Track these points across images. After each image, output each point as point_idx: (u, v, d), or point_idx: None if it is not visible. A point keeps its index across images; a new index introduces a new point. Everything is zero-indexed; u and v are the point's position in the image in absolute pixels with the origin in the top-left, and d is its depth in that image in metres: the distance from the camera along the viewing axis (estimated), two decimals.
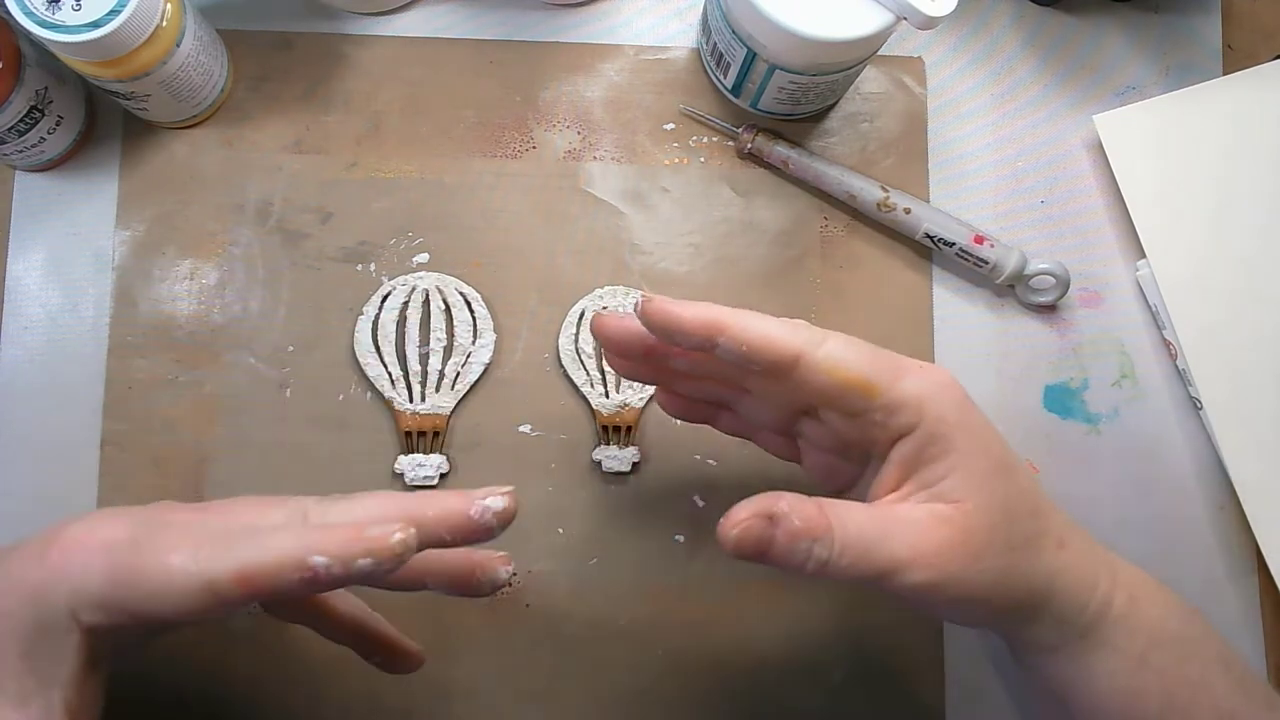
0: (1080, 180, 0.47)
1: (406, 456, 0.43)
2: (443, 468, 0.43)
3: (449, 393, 0.43)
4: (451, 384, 0.43)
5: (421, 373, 0.43)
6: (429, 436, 0.43)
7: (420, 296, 0.44)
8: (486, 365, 0.43)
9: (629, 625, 0.43)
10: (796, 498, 0.30)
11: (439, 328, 0.43)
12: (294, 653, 0.42)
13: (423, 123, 0.45)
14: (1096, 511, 0.45)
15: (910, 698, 0.44)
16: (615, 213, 0.45)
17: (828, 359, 0.31)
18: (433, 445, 0.43)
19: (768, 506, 0.29)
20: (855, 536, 0.29)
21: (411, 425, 0.43)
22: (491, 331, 0.44)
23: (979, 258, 0.44)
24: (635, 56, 0.46)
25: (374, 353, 0.43)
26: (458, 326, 0.43)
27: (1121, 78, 0.48)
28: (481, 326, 0.44)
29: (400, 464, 0.42)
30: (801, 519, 0.29)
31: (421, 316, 0.44)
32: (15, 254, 0.43)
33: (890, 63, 0.47)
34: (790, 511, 0.29)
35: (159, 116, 0.43)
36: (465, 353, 0.43)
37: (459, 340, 0.43)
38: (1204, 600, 0.44)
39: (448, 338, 0.43)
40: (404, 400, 0.43)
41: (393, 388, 0.43)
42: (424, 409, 0.43)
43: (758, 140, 0.45)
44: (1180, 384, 0.46)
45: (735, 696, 0.43)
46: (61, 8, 0.35)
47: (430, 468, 0.42)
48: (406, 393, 0.43)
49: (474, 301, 0.44)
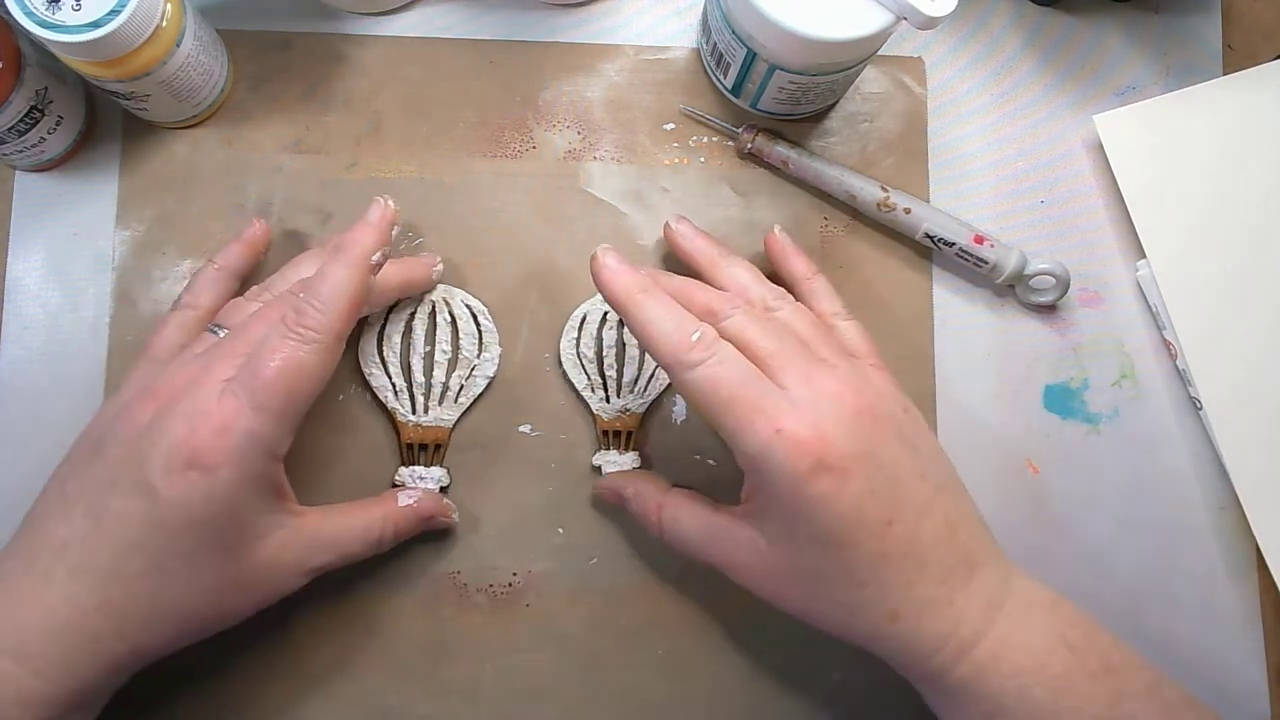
0: (1080, 180, 0.47)
1: (407, 468, 0.42)
2: (443, 480, 0.42)
3: (452, 405, 0.43)
4: (455, 397, 0.43)
5: (425, 385, 0.43)
6: (430, 449, 0.43)
7: (427, 308, 0.43)
8: (491, 379, 0.43)
9: (629, 625, 0.43)
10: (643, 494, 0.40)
11: (444, 340, 0.43)
12: (294, 653, 0.42)
13: (423, 123, 0.45)
14: (1096, 511, 0.45)
15: (910, 698, 0.44)
16: (615, 213, 0.45)
17: (688, 385, 0.34)
18: (433, 458, 0.43)
19: (620, 490, 0.41)
20: (683, 537, 0.38)
21: (413, 437, 0.43)
22: (497, 345, 0.43)
23: (979, 258, 0.44)
24: (635, 56, 0.46)
25: (379, 363, 0.43)
26: (463, 339, 0.43)
27: (1121, 78, 0.48)
28: (487, 340, 0.43)
29: (401, 475, 0.42)
30: (639, 511, 0.40)
31: (427, 328, 0.43)
32: (15, 254, 0.43)
33: (890, 63, 0.47)
34: (632, 499, 0.40)
35: (159, 116, 0.43)
36: (470, 365, 0.43)
37: (464, 353, 0.43)
38: (1204, 600, 0.45)
39: (453, 350, 0.43)
40: (407, 412, 0.43)
41: (396, 399, 0.43)
42: (426, 421, 0.43)
43: (758, 140, 0.45)
44: (1180, 384, 0.46)
45: (734, 696, 0.43)
46: (61, 8, 0.35)
47: (431, 480, 0.42)
48: (410, 404, 0.43)
49: (480, 314, 0.44)
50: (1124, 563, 0.45)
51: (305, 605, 0.42)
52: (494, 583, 0.43)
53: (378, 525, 0.39)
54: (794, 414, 0.32)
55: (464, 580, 0.43)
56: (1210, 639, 0.44)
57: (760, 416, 0.32)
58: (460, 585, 0.43)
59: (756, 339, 0.34)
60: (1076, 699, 0.33)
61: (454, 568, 0.43)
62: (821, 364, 0.35)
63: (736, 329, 0.35)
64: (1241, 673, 0.44)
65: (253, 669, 0.41)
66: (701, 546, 0.37)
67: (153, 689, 0.40)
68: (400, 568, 0.42)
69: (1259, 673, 0.45)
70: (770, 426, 0.32)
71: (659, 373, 0.44)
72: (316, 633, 0.42)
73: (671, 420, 0.44)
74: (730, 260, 0.41)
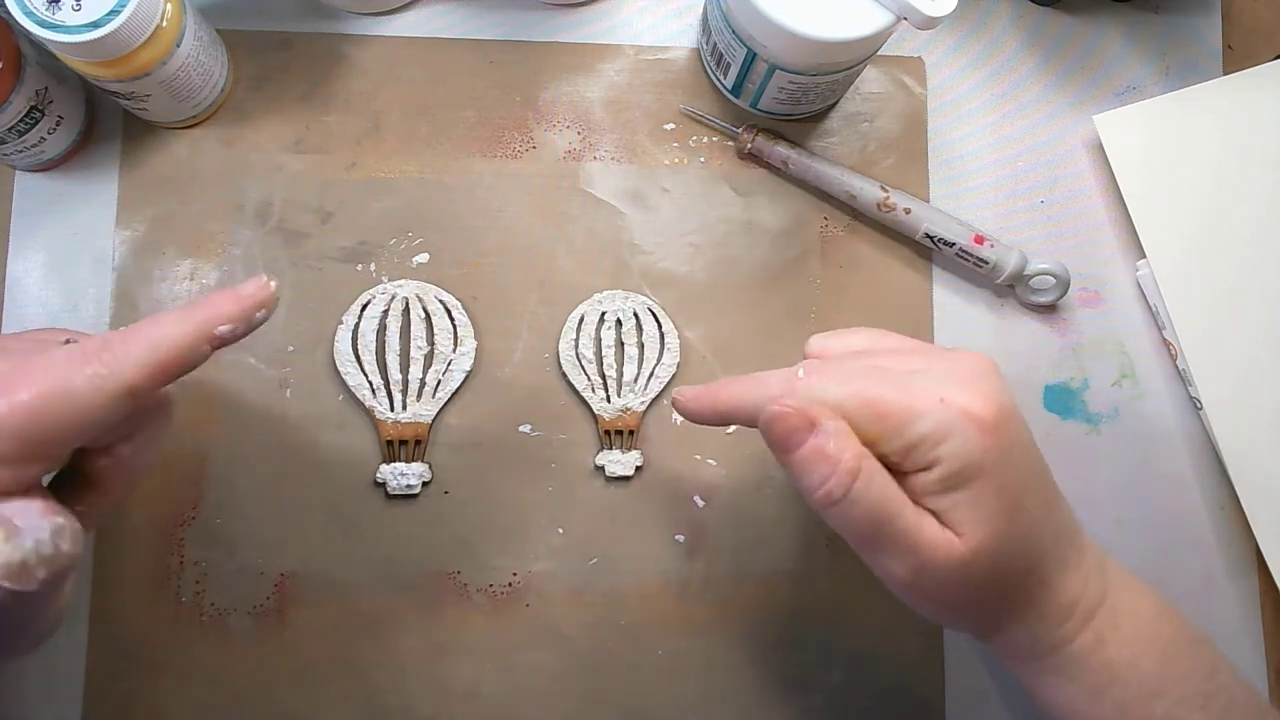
0: (1080, 180, 0.47)
1: (388, 465, 0.42)
2: (424, 476, 0.42)
3: (430, 400, 0.43)
4: (433, 392, 0.43)
5: (403, 381, 0.43)
6: (410, 445, 0.43)
7: (400, 305, 0.43)
8: (468, 373, 0.43)
9: (629, 625, 0.43)
10: (845, 429, 0.30)
11: (419, 336, 0.43)
12: (294, 653, 0.42)
13: (423, 123, 0.45)
14: (1096, 511, 0.45)
15: (910, 698, 0.44)
16: (615, 213, 0.45)
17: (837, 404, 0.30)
18: (414, 454, 0.43)
19: (815, 415, 0.30)
20: (876, 499, 0.30)
21: (393, 434, 0.43)
22: (473, 339, 0.43)
23: (979, 258, 0.44)
24: (635, 56, 0.46)
25: (354, 362, 0.43)
26: (438, 334, 0.43)
27: (1121, 78, 0.48)
28: (462, 334, 0.43)
29: (382, 472, 0.42)
30: (838, 448, 0.29)
31: (402, 325, 0.43)
32: (15, 254, 0.43)
33: (890, 63, 0.47)
34: (833, 434, 0.30)
35: (159, 116, 0.43)
36: (446, 360, 0.43)
37: (439, 348, 0.43)
38: (1204, 600, 0.45)
39: (428, 345, 0.43)
40: (385, 409, 0.43)
41: (373, 397, 0.43)
42: (405, 417, 0.43)
43: (758, 140, 0.45)
44: (1180, 384, 0.46)
45: (734, 696, 0.43)
46: (61, 8, 0.35)
47: (412, 476, 0.42)
48: (388, 402, 0.43)
49: (454, 309, 0.44)
50: (1124, 563, 0.45)
51: (305, 605, 0.42)
52: (494, 583, 0.43)
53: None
54: (949, 384, 0.31)
55: (464, 580, 0.43)
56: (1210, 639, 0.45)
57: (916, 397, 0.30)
58: (460, 585, 0.43)
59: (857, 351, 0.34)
60: (1180, 669, 0.33)
61: (454, 568, 0.43)
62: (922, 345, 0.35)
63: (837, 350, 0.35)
64: (1242, 673, 0.44)
65: (253, 669, 0.41)
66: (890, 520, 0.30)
67: (153, 689, 0.40)
68: (400, 568, 0.42)
69: (1259, 673, 0.45)
70: (933, 399, 0.30)
71: (658, 371, 0.44)
72: (316, 633, 0.42)
73: (671, 420, 0.44)
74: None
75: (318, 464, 0.43)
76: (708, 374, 0.44)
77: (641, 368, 0.44)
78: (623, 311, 0.44)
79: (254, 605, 0.42)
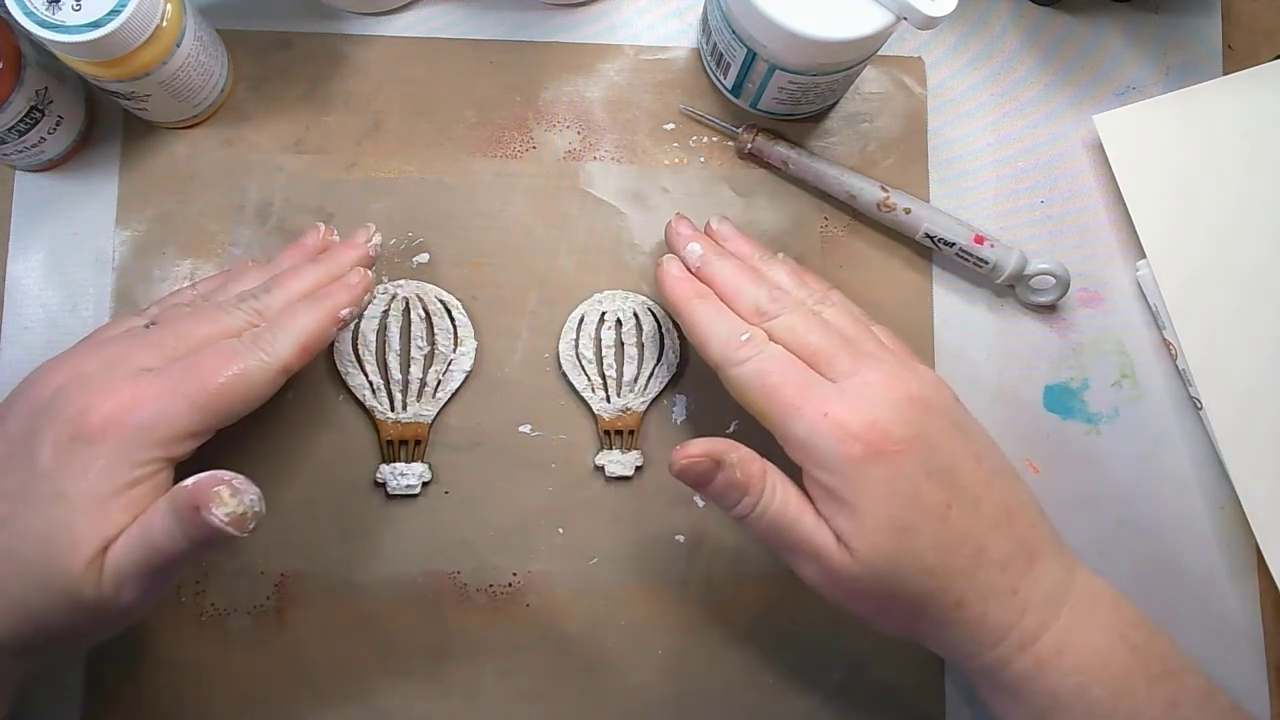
0: (1080, 180, 0.47)
1: (388, 465, 0.42)
2: (424, 476, 0.42)
3: (430, 401, 0.43)
4: (433, 392, 0.43)
5: (403, 381, 0.43)
6: (410, 445, 0.43)
7: (400, 305, 0.43)
8: (468, 373, 0.43)
9: (629, 625, 0.43)
10: (748, 455, 0.35)
11: (420, 336, 0.43)
12: (294, 653, 0.42)
13: (423, 123, 0.45)
14: (1096, 511, 0.45)
15: (910, 698, 0.44)
16: (615, 213, 0.45)
17: (736, 379, 0.36)
18: (414, 454, 0.43)
19: (721, 452, 0.34)
20: (779, 508, 0.34)
21: (393, 434, 0.43)
22: (473, 339, 0.43)
23: (979, 258, 0.44)
24: (635, 56, 0.46)
25: (354, 362, 0.43)
26: (438, 334, 0.43)
27: (1121, 78, 0.48)
28: (462, 334, 0.43)
29: (382, 473, 0.42)
30: (743, 473, 0.34)
31: (402, 325, 0.43)
32: (15, 254, 0.43)
33: (890, 63, 0.47)
34: (736, 464, 0.34)
35: (159, 116, 0.43)
36: (446, 360, 0.43)
37: (440, 348, 0.43)
38: (1204, 600, 0.45)
39: (429, 345, 0.43)
40: (385, 409, 0.43)
41: (373, 397, 0.43)
42: (405, 418, 0.43)
43: (758, 140, 0.45)
44: (1180, 384, 0.46)
45: (734, 696, 0.43)
46: (61, 8, 0.35)
47: (412, 476, 0.42)
48: (388, 402, 0.43)
49: (454, 309, 0.44)
50: (1124, 563, 0.45)
51: (305, 605, 0.42)
52: (494, 583, 0.43)
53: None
54: (842, 401, 0.33)
55: (464, 580, 0.43)
56: (1210, 639, 0.45)
57: (807, 402, 0.33)
58: (460, 585, 0.43)
59: (803, 336, 0.36)
60: (1135, 701, 0.33)
61: (454, 568, 0.43)
62: (868, 356, 0.35)
63: (784, 328, 0.36)
64: (1241, 673, 0.44)
65: (253, 669, 0.41)
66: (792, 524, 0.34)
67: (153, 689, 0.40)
68: (400, 568, 0.42)
69: (1259, 673, 0.45)
70: (818, 410, 0.33)
71: (658, 371, 0.44)
72: (316, 633, 0.42)
73: (671, 420, 0.44)
74: (771, 262, 0.41)
75: (318, 464, 0.43)
76: (708, 374, 0.44)
77: (641, 368, 0.44)
78: (623, 311, 0.44)
79: (254, 605, 0.42)
